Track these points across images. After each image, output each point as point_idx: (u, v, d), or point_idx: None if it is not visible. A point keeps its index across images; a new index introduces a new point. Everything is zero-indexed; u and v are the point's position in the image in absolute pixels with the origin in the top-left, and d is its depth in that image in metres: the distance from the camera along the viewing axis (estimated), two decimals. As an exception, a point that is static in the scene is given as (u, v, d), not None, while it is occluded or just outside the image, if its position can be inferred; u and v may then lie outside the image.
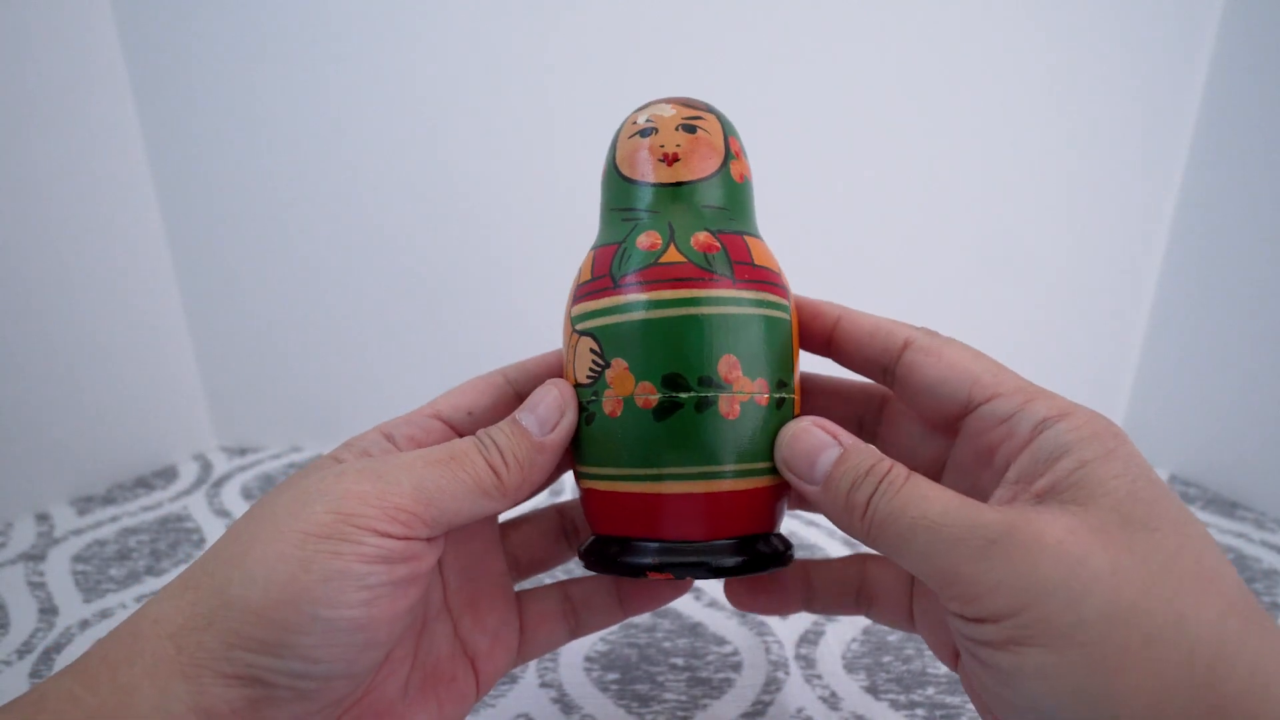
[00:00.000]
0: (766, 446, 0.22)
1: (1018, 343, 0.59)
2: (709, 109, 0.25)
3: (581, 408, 0.23)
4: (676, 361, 0.22)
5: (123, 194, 0.55)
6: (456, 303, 0.59)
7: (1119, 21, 0.51)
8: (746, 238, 0.24)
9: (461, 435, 0.24)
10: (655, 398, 0.22)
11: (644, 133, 0.24)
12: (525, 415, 0.22)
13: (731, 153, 0.24)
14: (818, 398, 0.27)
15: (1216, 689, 0.15)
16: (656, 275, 0.22)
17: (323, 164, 0.56)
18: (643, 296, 0.22)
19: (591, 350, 0.23)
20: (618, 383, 0.22)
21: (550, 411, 0.22)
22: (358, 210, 0.57)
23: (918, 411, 0.24)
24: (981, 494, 0.21)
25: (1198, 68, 0.52)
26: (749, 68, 0.53)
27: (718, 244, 0.23)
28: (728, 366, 0.22)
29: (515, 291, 0.58)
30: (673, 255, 0.22)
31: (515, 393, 0.25)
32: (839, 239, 0.56)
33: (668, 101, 0.25)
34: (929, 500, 0.18)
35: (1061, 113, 0.53)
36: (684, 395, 0.22)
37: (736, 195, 0.24)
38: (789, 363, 0.23)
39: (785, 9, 0.52)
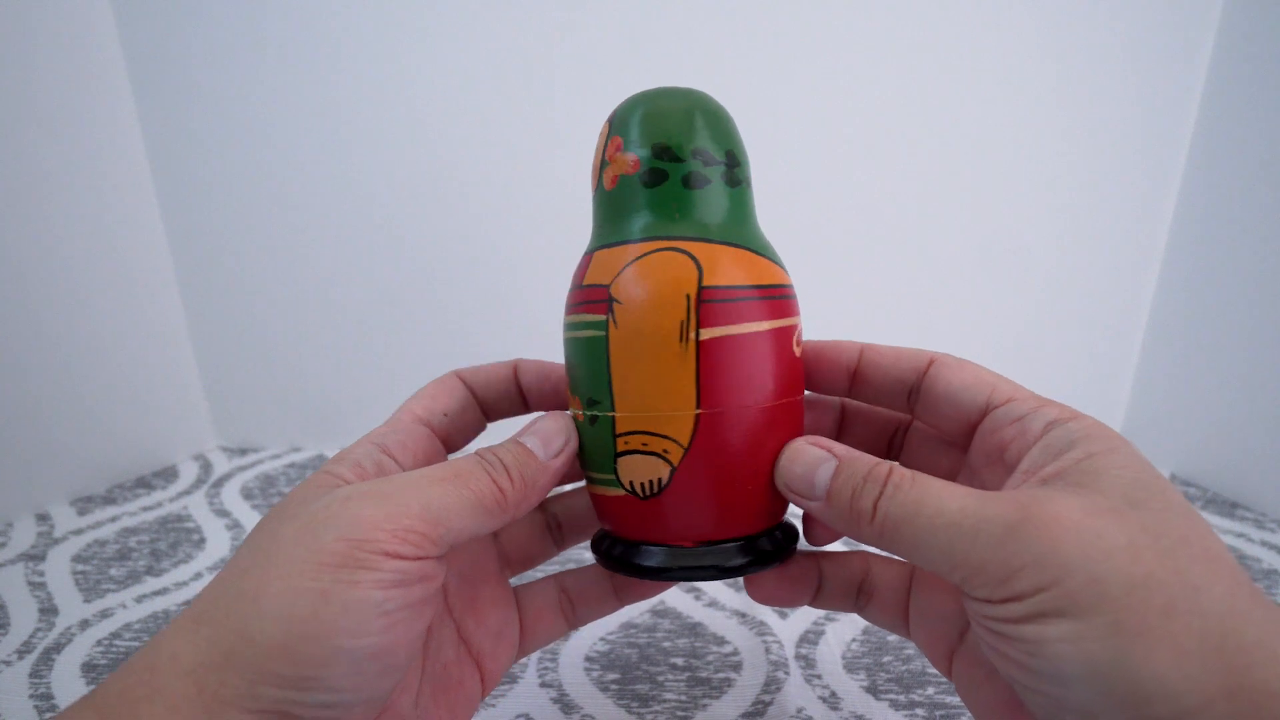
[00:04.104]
0: (591, 459, 0.24)
1: (1018, 342, 0.59)
2: (613, 112, 0.24)
3: None
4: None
5: (123, 194, 0.55)
6: (456, 303, 0.59)
7: (1119, 21, 0.51)
8: (596, 253, 0.23)
9: (441, 438, 0.25)
10: None
11: None
12: (529, 438, 0.23)
13: (605, 159, 0.23)
14: (857, 419, 0.28)
15: (1229, 657, 0.15)
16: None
17: (323, 164, 0.56)
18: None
19: None
20: None
21: (554, 434, 0.23)
22: (358, 210, 0.57)
23: (939, 421, 0.24)
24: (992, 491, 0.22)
25: (1198, 68, 0.52)
26: (750, 66, 0.53)
27: (578, 270, 0.24)
28: (566, 386, 0.25)
29: (515, 292, 0.58)
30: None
31: (474, 394, 0.26)
32: (839, 238, 0.56)
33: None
34: (942, 498, 0.19)
35: (1061, 113, 0.53)
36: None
37: (604, 204, 0.24)
38: (601, 381, 0.22)
39: (787, 9, 0.52)
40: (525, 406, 0.27)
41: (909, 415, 0.26)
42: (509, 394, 0.27)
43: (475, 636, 0.25)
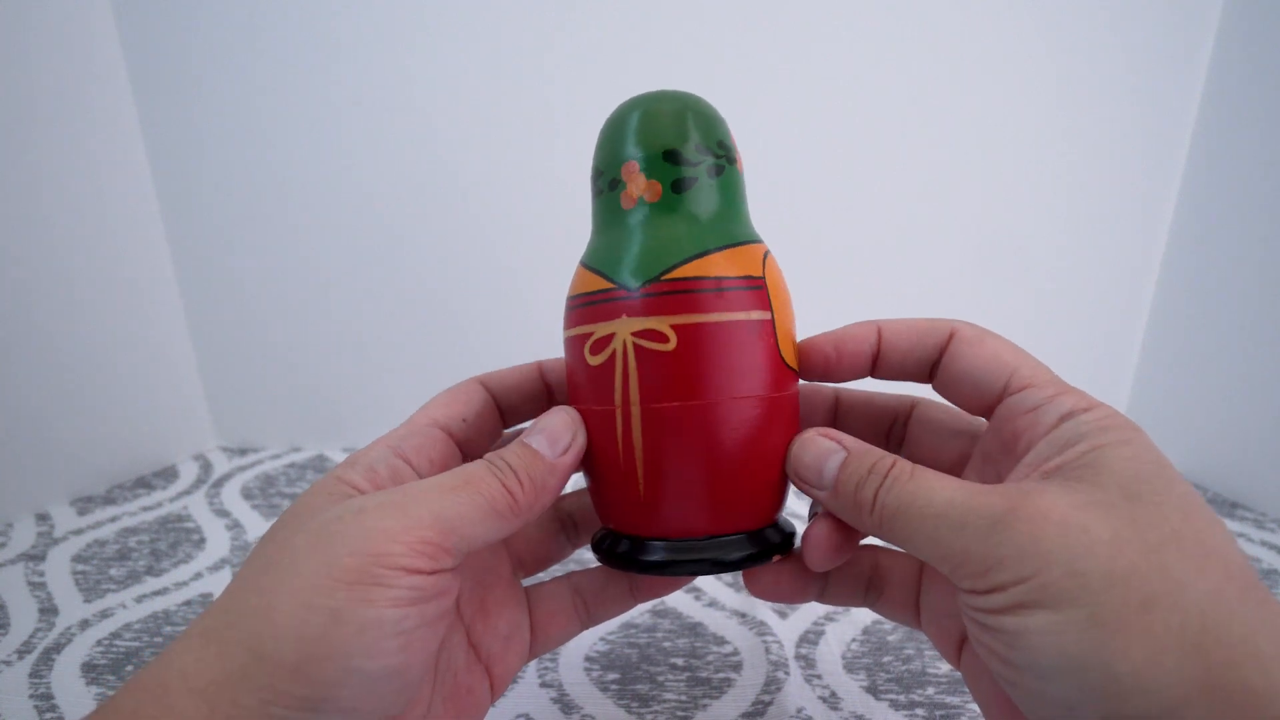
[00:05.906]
0: None
1: (1017, 342, 0.59)
2: None
3: None
4: None
5: (123, 194, 0.55)
6: (456, 303, 0.59)
7: (1119, 21, 0.51)
8: None
9: (459, 443, 0.25)
10: None
11: None
12: (535, 438, 0.22)
13: None
14: (852, 412, 0.28)
15: (1208, 653, 0.15)
16: None
17: (323, 164, 0.56)
18: None
19: None
20: None
21: (560, 432, 0.23)
22: (358, 210, 0.57)
23: (957, 398, 0.24)
24: (1001, 481, 0.21)
25: (1198, 68, 0.52)
26: (750, 65, 0.53)
27: None
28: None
29: (514, 291, 0.59)
30: None
31: (496, 399, 0.26)
32: (839, 237, 0.56)
33: None
34: (934, 490, 0.19)
35: (1062, 112, 0.53)
36: None
37: None
38: None
39: (787, 7, 0.52)
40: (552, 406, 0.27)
41: (927, 383, 0.25)
42: (535, 395, 0.26)
43: (485, 641, 0.25)
